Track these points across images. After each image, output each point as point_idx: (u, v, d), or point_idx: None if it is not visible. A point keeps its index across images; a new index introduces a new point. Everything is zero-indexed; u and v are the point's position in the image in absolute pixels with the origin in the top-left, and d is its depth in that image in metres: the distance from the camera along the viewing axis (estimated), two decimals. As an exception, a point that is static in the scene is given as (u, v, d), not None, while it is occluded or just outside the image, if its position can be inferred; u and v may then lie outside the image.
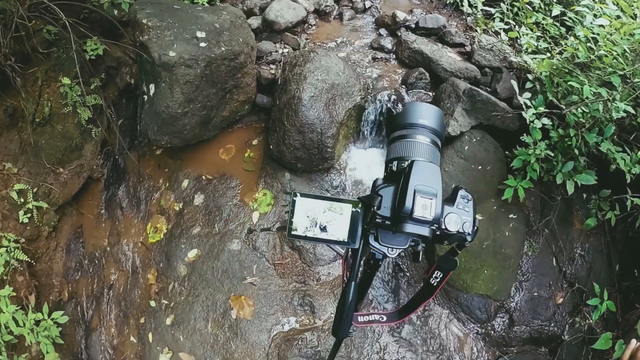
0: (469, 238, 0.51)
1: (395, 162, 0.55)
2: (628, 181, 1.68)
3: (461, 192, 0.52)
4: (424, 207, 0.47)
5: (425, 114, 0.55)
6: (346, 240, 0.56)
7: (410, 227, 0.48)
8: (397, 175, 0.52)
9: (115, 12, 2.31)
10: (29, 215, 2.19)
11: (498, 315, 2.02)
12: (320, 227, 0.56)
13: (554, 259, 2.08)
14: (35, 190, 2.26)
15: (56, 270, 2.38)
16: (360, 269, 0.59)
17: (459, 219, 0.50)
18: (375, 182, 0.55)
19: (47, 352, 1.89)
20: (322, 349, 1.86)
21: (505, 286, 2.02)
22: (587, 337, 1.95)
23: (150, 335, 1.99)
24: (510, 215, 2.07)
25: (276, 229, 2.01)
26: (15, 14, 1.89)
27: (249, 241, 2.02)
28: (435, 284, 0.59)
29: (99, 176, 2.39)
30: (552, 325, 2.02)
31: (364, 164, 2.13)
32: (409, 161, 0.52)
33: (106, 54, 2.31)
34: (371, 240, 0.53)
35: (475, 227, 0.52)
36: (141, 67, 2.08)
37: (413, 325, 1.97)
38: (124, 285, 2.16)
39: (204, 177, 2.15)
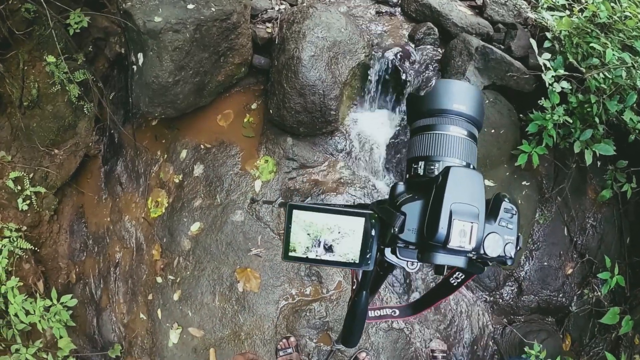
0: (509, 262, 0.41)
1: (421, 163, 0.43)
2: None
3: (505, 205, 0.40)
4: (463, 233, 0.37)
5: (461, 95, 0.43)
6: (357, 261, 0.45)
7: (442, 259, 0.38)
8: (425, 183, 0.40)
9: (98, -21, 2.17)
10: (28, 202, 2.14)
11: (507, 284, 1.99)
12: (324, 246, 0.45)
13: (566, 229, 2.03)
14: (31, 175, 2.20)
15: (62, 252, 2.36)
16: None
17: (501, 240, 0.39)
18: (394, 188, 0.43)
19: (60, 337, 1.89)
20: (331, 320, 1.83)
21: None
22: (594, 310, 1.92)
23: (159, 312, 1.97)
24: (523, 182, 1.99)
25: (278, 204, 1.94)
26: None
27: (252, 211, 1.95)
28: (455, 284, 0.51)
29: (95, 153, 2.32)
30: (561, 295, 1.99)
31: (370, 125, 2.02)
32: (441, 165, 0.41)
33: (92, 26, 2.18)
34: (387, 253, 0.44)
35: (519, 247, 0.41)
36: (128, 36, 1.96)
37: (421, 293, 1.93)
38: (130, 263, 2.13)
39: (202, 146, 2.07)
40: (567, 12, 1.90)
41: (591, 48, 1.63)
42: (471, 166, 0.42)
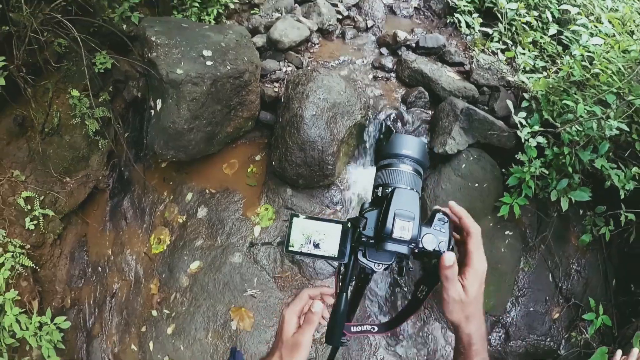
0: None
1: (380, 188, 0.60)
2: (622, 197, 1.71)
3: (438, 215, 0.57)
4: (402, 228, 0.53)
5: (409, 145, 0.61)
6: (336, 256, 0.62)
7: (390, 246, 0.54)
8: (382, 200, 0.58)
9: (124, 26, 2.37)
10: (35, 222, 2.22)
11: (494, 330, 2.06)
12: (313, 244, 0.63)
13: (550, 275, 2.12)
14: (42, 198, 2.30)
15: (59, 277, 2.42)
16: (352, 283, 0.65)
17: (436, 239, 0.55)
18: (362, 205, 0.62)
19: (49, 357, 1.93)
20: (320, 362, 1.90)
21: (501, 301, 2.06)
22: (583, 352, 1.98)
23: (151, 344, 2.03)
24: (507, 232, 2.12)
25: (277, 243, 2.06)
26: (29, 27, 1.94)
27: (250, 254, 2.07)
28: (421, 297, 0.64)
29: (104, 187, 2.44)
30: (548, 340, 2.05)
31: (364, 180, 2.18)
32: (392, 188, 0.58)
33: (114, 68, 2.36)
34: (360, 256, 0.59)
35: (451, 247, 0.57)
36: (149, 82, 2.14)
37: (409, 339, 2.02)
38: (127, 295, 2.20)
39: (207, 191, 2.21)
40: (545, 73, 2.11)
41: (565, 105, 1.80)
42: (414, 190, 0.60)
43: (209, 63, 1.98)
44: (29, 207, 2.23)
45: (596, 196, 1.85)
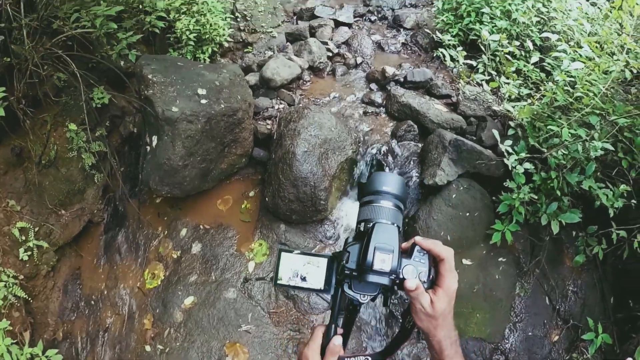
0: (425, 285, 0.61)
1: (362, 224, 0.64)
2: (611, 215, 1.74)
3: (417, 247, 0.61)
4: (382, 261, 0.56)
5: (389, 182, 0.65)
6: (322, 288, 0.66)
7: (372, 278, 0.57)
8: (364, 235, 0.60)
9: (122, 63, 2.44)
10: (29, 253, 2.22)
11: (494, 357, 2.05)
12: (300, 277, 0.66)
13: (547, 298, 2.13)
14: (36, 229, 2.30)
15: (52, 309, 2.41)
16: (342, 315, 0.68)
17: (415, 270, 0.59)
18: (346, 240, 0.66)
19: (39, 390, 1.90)
20: (314, 397, 1.89)
21: (498, 328, 2.07)
22: None
23: (144, 381, 2.02)
24: (500, 259, 2.14)
25: (271, 278, 2.09)
26: (30, 60, 2.00)
27: (244, 290, 2.09)
28: (409, 327, 0.68)
29: (99, 220, 2.46)
30: None
31: (356, 215, 2.23)
32: (373, 223, 0.61)
33: (111, 103, 2.42)
34: (346, 288, 0.62)
35: (431, 277, 0.62)
36: (145, 118, 2.19)
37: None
38: (120, 329, 2.20)
39: (201, 226, 2.24)
40: (529, 100, 2.17)
41: (550, 130, 1.84)
42: (395, 225, 0.64)
43: (203, 101, 2.05)
44: (23, 237, 2.23)
45: (587, 216, 1.88)
